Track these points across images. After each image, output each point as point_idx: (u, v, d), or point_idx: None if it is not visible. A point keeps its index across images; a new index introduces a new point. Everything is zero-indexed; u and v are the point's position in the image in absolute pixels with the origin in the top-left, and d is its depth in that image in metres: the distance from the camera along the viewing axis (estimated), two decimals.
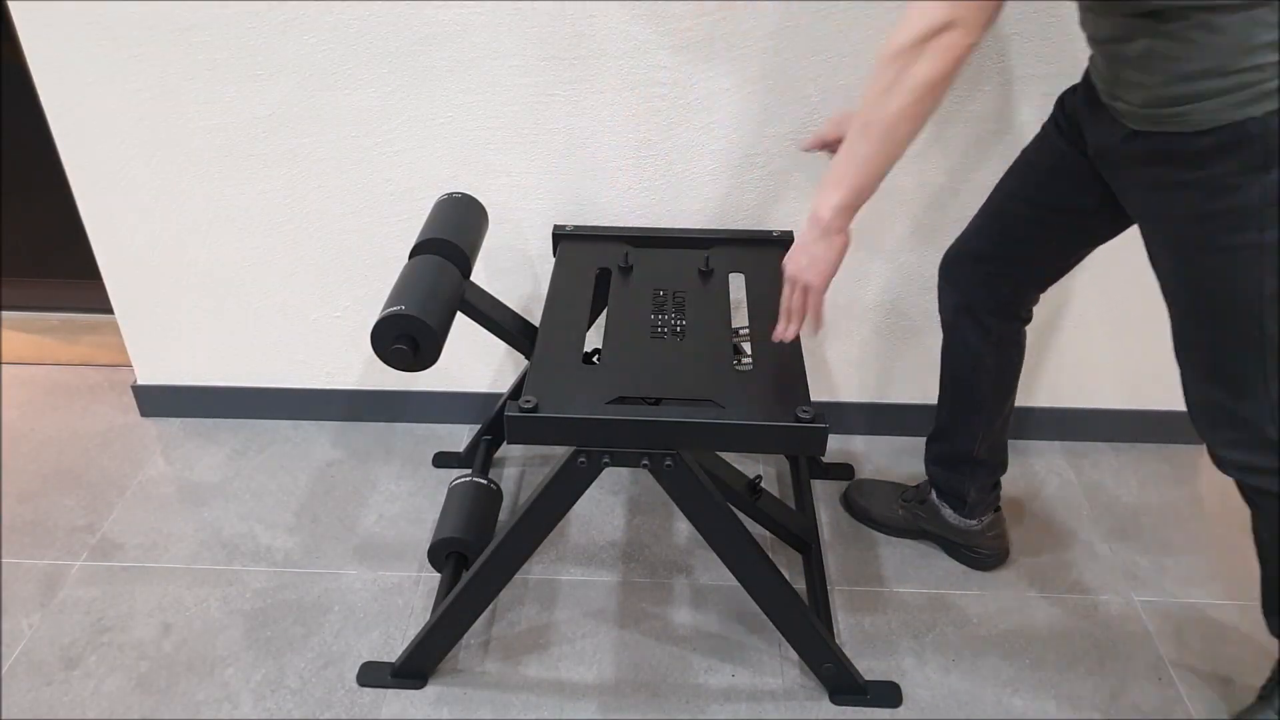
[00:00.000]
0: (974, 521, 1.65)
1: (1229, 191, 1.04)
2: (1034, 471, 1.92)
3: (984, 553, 1.68)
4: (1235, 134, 1.01)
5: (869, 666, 1.52)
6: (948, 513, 1.66)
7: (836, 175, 1.13)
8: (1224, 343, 1.14)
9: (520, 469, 1.93)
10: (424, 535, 1.76)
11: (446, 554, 1.59)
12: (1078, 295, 1.81)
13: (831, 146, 1.41)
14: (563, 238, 1.65)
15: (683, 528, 1.77)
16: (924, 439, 1.69)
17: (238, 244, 1.83)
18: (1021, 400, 1.82)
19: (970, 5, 1.00)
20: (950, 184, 1.71)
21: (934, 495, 1.68)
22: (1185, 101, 1.03)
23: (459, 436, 2.01)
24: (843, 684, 1.46)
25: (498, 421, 1.86)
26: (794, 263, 1.22)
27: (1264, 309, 1.08)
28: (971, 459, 1.60)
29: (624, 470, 1.89)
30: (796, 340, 1.37)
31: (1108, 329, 1.86)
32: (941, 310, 1.54)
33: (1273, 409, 1.14)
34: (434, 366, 1.54)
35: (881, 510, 1.77)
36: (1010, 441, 1.82)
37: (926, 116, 1.06)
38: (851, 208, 1.15)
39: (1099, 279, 1.79)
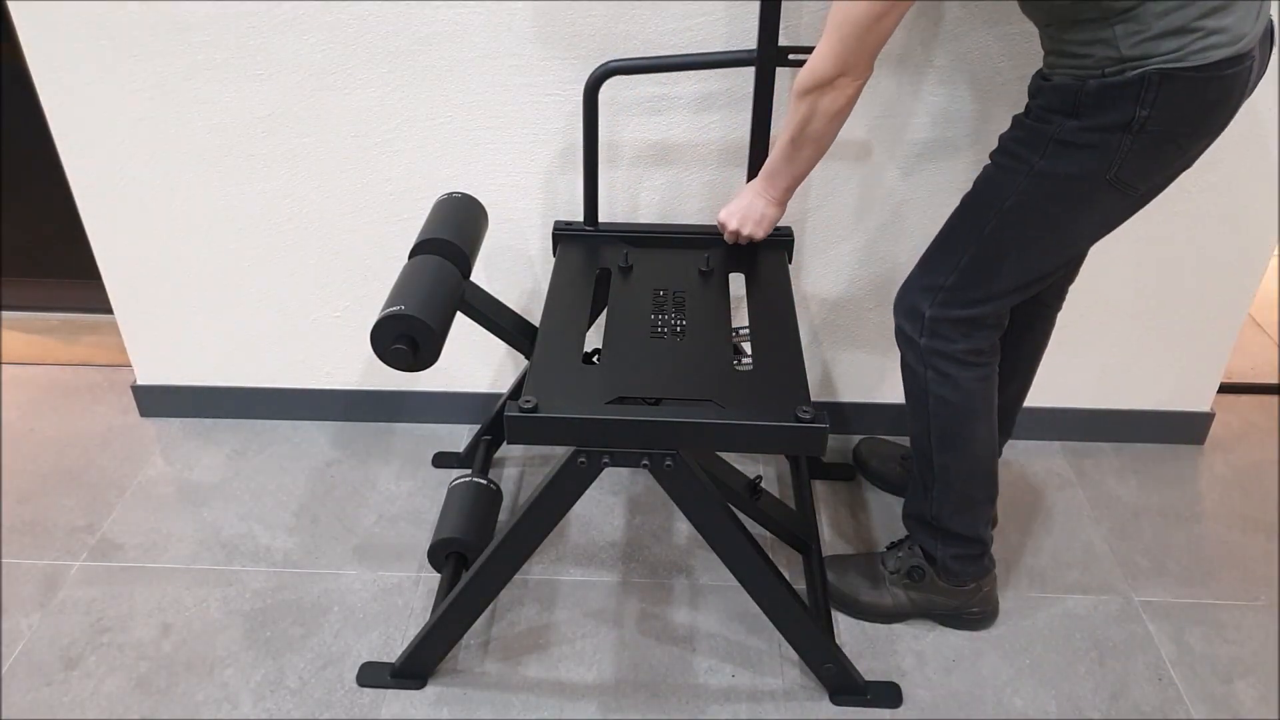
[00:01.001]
0: None
1: (1042, 120, 1.24)
2: (1034, 471, 1.92)
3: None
4: (1070, 86, 1.21)
5: (869, 667, 1.52)
6: None
7: (776, 173, 1.45)
8: (954, 226, 1.37)
9: (520, 469, 1.93)
10: (424, 535, 1.76)
11: (446, 554, 1.59)
12: (1078, 296, 1.80)
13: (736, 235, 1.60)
14: (563, 237, 1.65)
15: (683, 528, 1.77)
16: None
17: (238, 244, 1.83)
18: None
19: (857, 60, 1.24)
20: (949, 184, 1.71)
21: None
22: (1053, 54, 1.23)
23: (459, 436, 2.01)
24: (843, 684, 1.46)
25: (497, 421, 1.86)
26: (738, 219, 1.54)
27: (993, 215, 1.30)
28: None
29: (624, 470, 1.89)
30: (796, 340, 1.38)
31: (1107, 329, 1.86)
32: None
33: (936, 291, 1.37)
34: (434, 366, 1.54)
35: (880, 465, 1.87)
36: (1010, 441, 1.82)
37: (838, 129, 1.35)
38: (790, 193, 1.49)
39: (1099, 279, 1.79)
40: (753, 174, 1.58)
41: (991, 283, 1.34)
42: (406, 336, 1.29)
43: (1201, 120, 1.19)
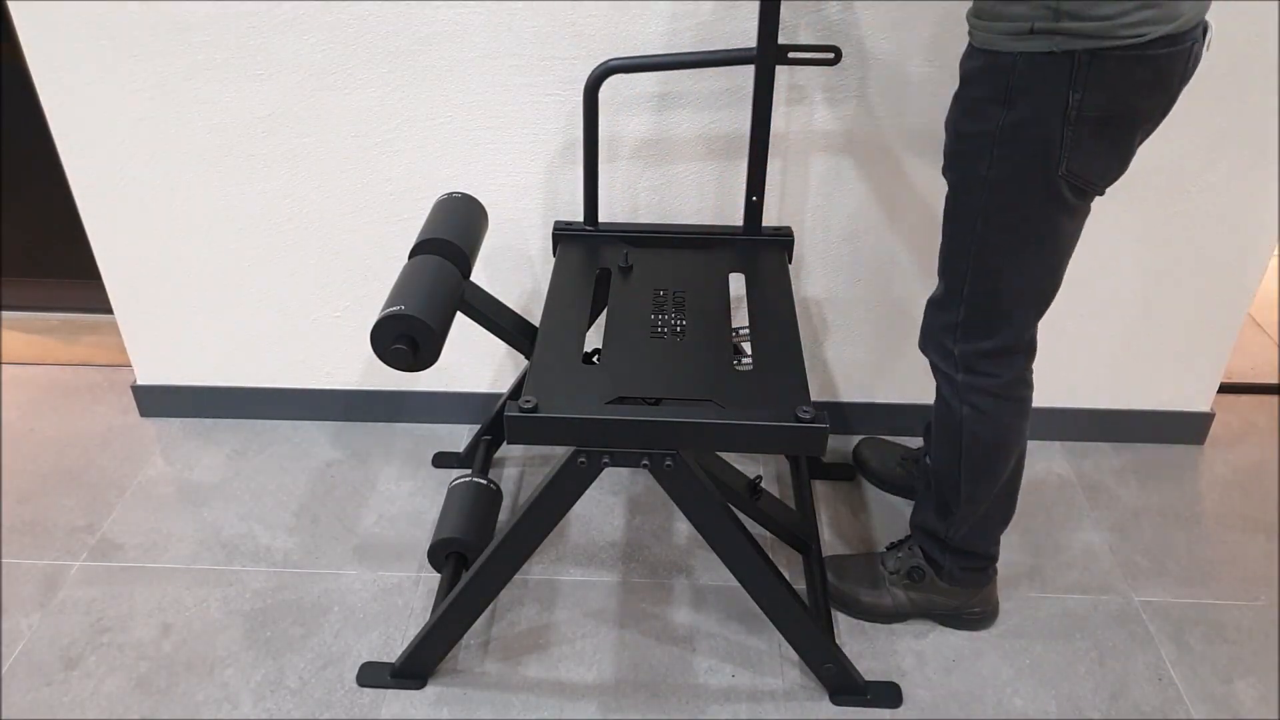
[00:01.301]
0: None
1: (978, 116, 1.19)
2: (1034, 471, 1.92)
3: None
4: (993, 61, 1.15)
5: (869, 667, 1.52)
6: None
7: None
8: (946, 251, 1.33)
9: (520, 469, 1.93)
10: (424, 535, 1.76)
11: (446, 554, 1.59)
12: (1077, 296, 1.81)
13: None
14: (563, 237, 1.65)
15: (683, 528, 1.77)
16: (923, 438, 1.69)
17: (238, 244, 1.83)
18: None
19: None
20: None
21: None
22: (980, 16, 1.16)
23: (459, 436, 2.01)
24: (843, 684, 1.46)
25: (497, 421, 1.86)
26: None
27: (972, 239, 1.26)
28: None
29: (624, 470, 1.89)
30: (796, 340, 1.37)
31: (1107, 329, 1.86)
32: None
33: (955, 328, 1.33)
34: (434, 366, 1.54)
35: (880, 465, 1.86)
36: None
37: None
38: None
39: (1099, 279, 1.79)
40: (753, 173, 1.58)
41: (1000, 307, 1.30)
42: (406, 336, 1.29)
43: (1138, 103, 1.13)
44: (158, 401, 2.04)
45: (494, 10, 1.57)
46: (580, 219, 1.68)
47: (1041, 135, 1.15)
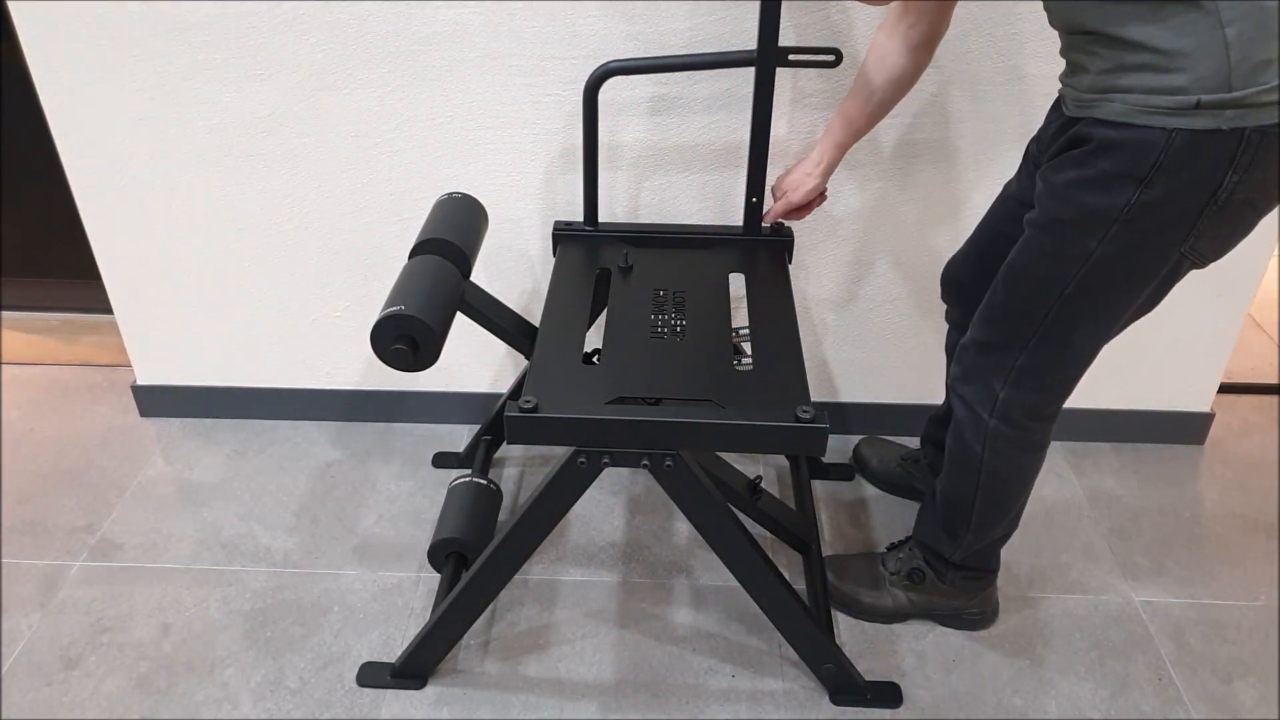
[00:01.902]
0: None
1: (1101, 189, 1.07)
2: None
3: None
4: (1136, 136, 1.03)
5: (869, 667, 1.51)
6: None
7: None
8: (1010, 303, 1.24)
9: (520, 469, 1.93)
10: (424, 535, 1.76)
11: (446, 554, 1.59)
12: None
13: (787, 210, 1.56)
14: (563, 237, 1.65)
15: (683, 528, 1.77)
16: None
17: (238, 244, 1.83)
18: None
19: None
20: (948, 184, 1.71)
21: (928, 459, 1.76)
22: (1114, 91, 1.04)
23: (459, 436, 2.01)
24: (843, 684, 1.46)
25: (497, 421, 1.86)
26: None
27: (1053, 302, 1.18)
28: None
29: (624, 470, 1.89)
30: (796, 340, 1.37)
31: None
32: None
33: (1009, 371, 1.27)
34: (434, 366, 1.54)
35: (880, 465, 1.86)
36: None
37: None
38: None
39: None
40: (753, 175, 1.58)
41: (1065, 368, 1.25)
42: (406, 336, 1.29)
43: None
44: (158, 401, 2.04)
45: (494, 10, 1.57)
46: (580, 219, 1.67)
47: (1176, 216, 1.05)
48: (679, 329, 1.40)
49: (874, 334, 1.89)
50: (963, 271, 1.52)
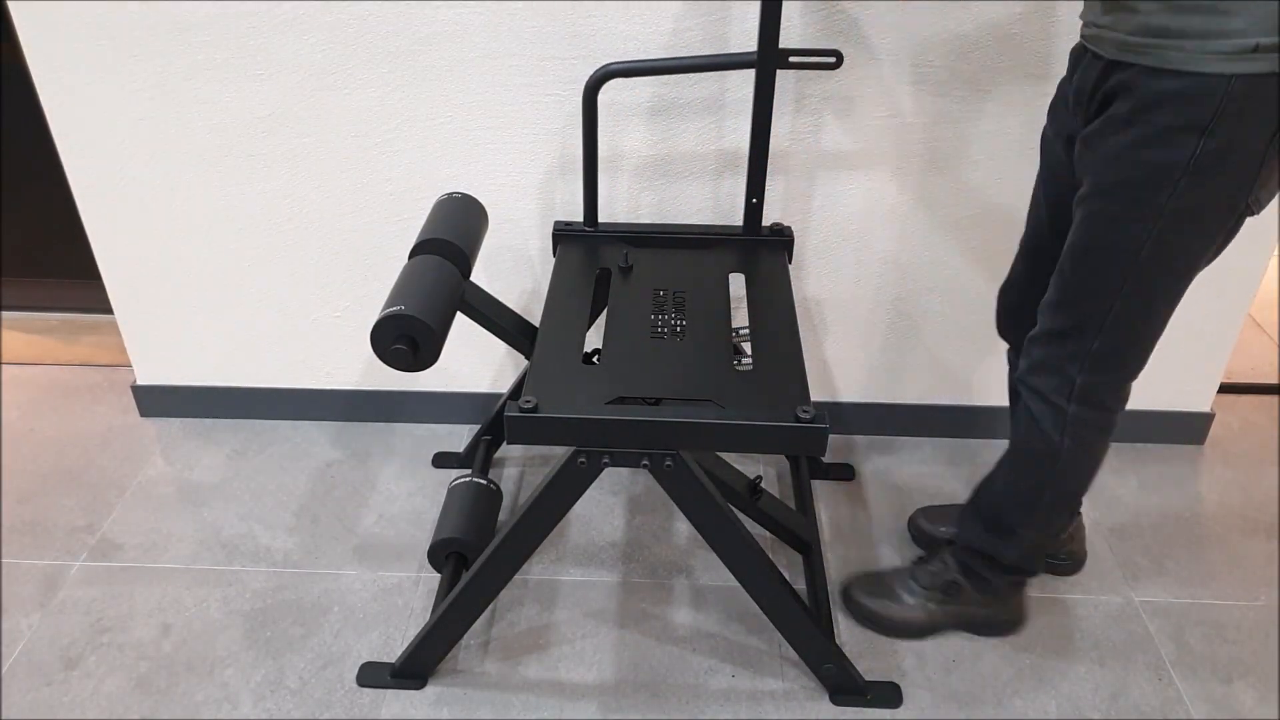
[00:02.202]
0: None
1: (1162, 145, 1.05)
2: None
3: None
4: (1195, 85, 1.00)
5: (869, 667, 1.52)
6: None
7: None
8: (1082, 282, 1.20)
9: (520, 469, 1.93)
10: (424, 535, 1.76)
11: (446, 554, 1.59)
12: None
13: None
14: (563, 237, 1.65)
15: (683, 528, 1.77)
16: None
17: (238, 244, 1.83)
18: None
19: None
20: (948, 183, 1.71)
21: None
22: (1168, 35, 1.01)
23: (459, 436, 2.01)
24: (843, 684, 1.46)
25: (497, 421, 1.86)
26: None
27: (1130, 271, 1.14)
28: None
29: (624, 470, 1.89)
30: (796, 340, 1.37)
31: None
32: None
33: (1084, 357, 1.23)
34: (434, 366, 1.54)
35: (931, 530, 1.71)
36: None
37: None
38: None
39: None
40: (753, 176, 1.58)
41: (1144, 337, 1.23)
42: (406, 336, 1.29)
43: None
44: (158, 401, 2.04)
45: (494, 10, 1.57)
46: (580, 219, 1.67)
47: (1240, 162, 1.04)
48: (679, 329, 1.40)
49: (874, 334, 1.89)
50: (1012, 295, 1.47)
